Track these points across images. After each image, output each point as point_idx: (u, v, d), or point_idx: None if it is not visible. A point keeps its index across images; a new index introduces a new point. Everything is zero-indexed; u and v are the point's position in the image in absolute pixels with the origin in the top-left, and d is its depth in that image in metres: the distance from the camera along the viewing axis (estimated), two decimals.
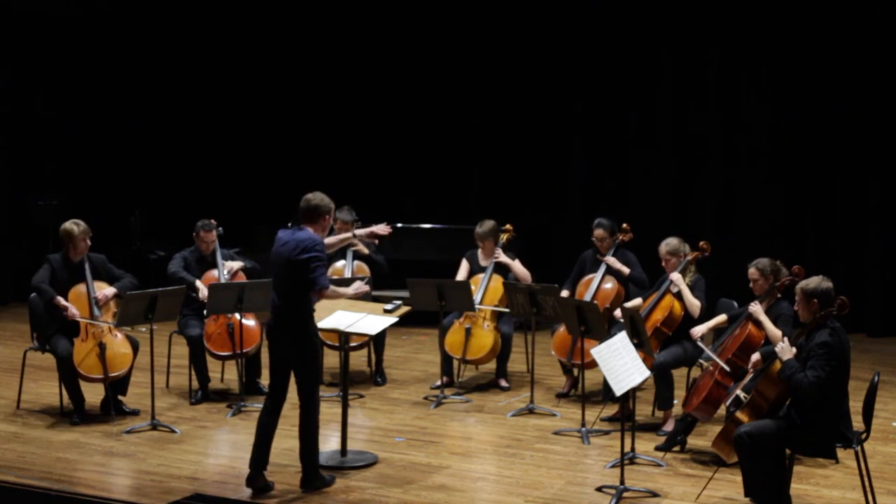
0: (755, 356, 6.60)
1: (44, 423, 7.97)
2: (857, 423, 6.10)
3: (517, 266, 9.01)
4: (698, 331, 7.48)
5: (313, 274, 6.31)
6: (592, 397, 8.38)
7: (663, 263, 7.90)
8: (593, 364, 7.39)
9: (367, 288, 6.88)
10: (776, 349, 6.12)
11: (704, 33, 11.71)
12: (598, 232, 8.74)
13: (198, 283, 8.52)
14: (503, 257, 9.00)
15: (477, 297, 8.78)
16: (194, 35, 13.66)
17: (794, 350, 6.04)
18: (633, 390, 6.63)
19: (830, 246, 11.32)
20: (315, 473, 6.50)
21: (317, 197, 6.54)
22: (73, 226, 8.04)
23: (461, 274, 9.18)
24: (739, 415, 6.29)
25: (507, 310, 8.79)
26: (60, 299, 7.91)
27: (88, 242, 8.10)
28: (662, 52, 11.94)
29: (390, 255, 9.83)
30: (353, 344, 8.43)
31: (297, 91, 13.57)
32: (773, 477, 6.03)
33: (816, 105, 11.24)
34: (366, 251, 9.24)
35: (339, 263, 9.25)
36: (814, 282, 6.06)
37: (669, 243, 7.91)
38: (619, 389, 6.32)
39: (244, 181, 13.49)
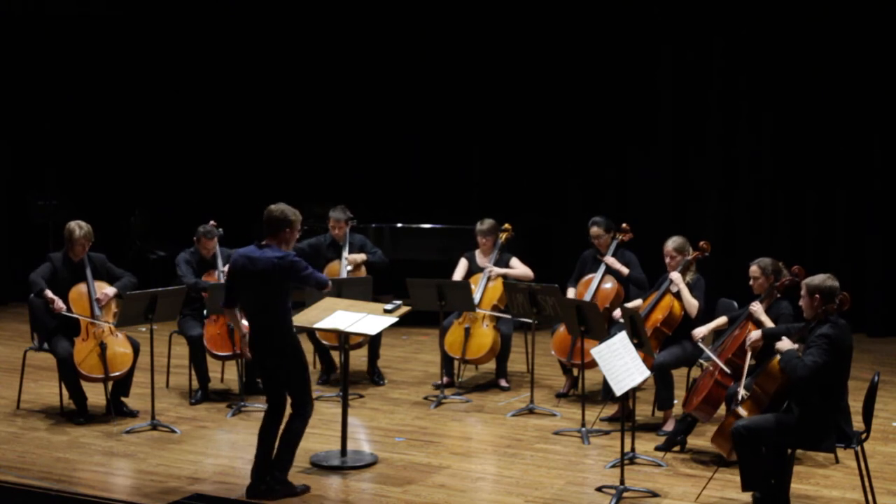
0: (755, 333, 6.68)
1: (44, 423, 7.96)
2: (857, 423, 6.11)
3: (515, 272, 8.99)
4: (700, 332, 7.48)
5: (310, 277, 6.32)
6: (592, 397, 8.38)
7: (667, 260, 7.87)
8: (593, 364, 7.39)
9: None
10: (776, 344, 6.14)
11: (705, 33, 11.70)
12: (594, 230, 8.74)
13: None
14: (498, 270, 8.98)
15: (475, 298, 8.77)
16: (194, 36, 13.66)
17: (796, 346, 6.05)
18: (633, 390, 6.63)
19: (830, 246, 11.32)
20: (284, 481, 6.38)
21: (279, 209, 6.35)
22: (77, 227, 8.00)
23: (458, 273, 9.17)
24: (740, 409, 6.30)
25: (506, 315, 8.80)
26: (49, 292, 7.88)
27: (87, 247, 8.08)
28: (663, 51, 11.94)
29: (390, 255, 9.82)
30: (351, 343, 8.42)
31: (296, 91, 13.58)
32: (770, 469, 6.04)
33: (817, 105, 11.23)
34: (361, 258, 9.22)
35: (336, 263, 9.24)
36: (819, 279, 6.12)
37: (676, 241, 7.90)
38: (619, 389, 6.31)
39: (244, 181, 13.49)
